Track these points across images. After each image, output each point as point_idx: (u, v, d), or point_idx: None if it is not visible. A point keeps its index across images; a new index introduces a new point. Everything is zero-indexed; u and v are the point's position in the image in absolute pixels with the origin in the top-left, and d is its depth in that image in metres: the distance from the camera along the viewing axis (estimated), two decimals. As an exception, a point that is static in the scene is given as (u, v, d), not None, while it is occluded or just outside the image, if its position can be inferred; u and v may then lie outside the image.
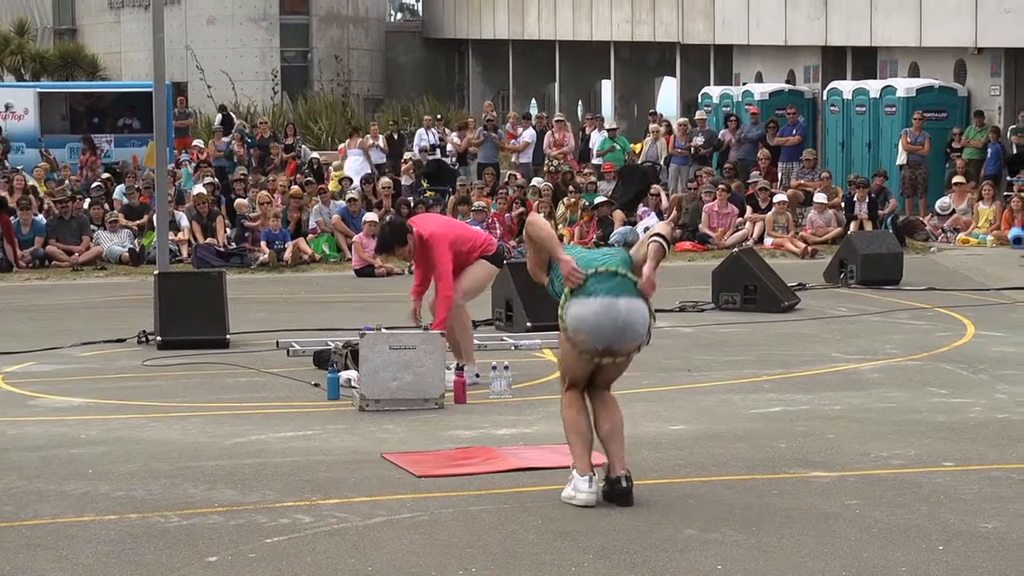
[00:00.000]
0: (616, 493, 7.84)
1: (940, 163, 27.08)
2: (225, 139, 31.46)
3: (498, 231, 23.49)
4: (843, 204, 24.93)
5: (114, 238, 22.91)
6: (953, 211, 25.13)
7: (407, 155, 30.95)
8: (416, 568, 6.76)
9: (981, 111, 27.08)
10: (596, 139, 30.30)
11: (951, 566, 6.74)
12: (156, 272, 15.00)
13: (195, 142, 32.53)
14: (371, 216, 22.13)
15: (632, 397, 10.80)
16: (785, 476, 8.56)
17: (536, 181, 26.60)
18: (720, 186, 24.76)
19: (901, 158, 26.92)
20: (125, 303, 18.01)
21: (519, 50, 46.58)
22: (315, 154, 32.23)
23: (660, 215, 24.65)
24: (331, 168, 29.44)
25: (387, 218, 13.59)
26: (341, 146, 32.12)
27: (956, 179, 25.50)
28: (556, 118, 32.08)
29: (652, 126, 30.60)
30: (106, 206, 24.30)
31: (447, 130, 32.55)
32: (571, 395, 8.03)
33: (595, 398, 8.07)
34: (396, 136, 33.33)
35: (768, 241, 23.68)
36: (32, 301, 18.67)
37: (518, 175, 27.93)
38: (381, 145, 31.38)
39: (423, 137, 31.43)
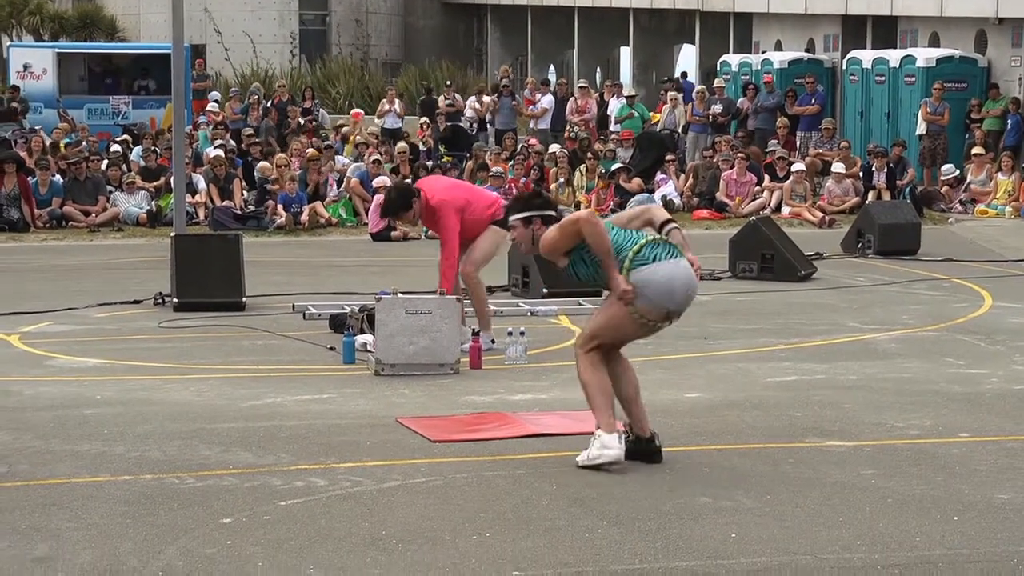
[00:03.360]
0: (650, 451, 8.00)
1: (959, 134, 26.97)
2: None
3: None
4: (861, 174, 24.87)
5: (131, 199, 22.91)
6: (962, 177, 25.11)
7: (422, 120, 30.90)
8: (430, 532, 6.76)
9: (996, 84, 26.97)
10: (614, 106, 30.22)
11: (966, 536, 6.74)
12: (173, 234, 15.01)
13: (210, 104, 32.47)
14: (383, 180, 22.01)
15: (648, 365, 10.79)
16: (800, 445, 8.56)
17: (553, 148, 26.54)
18: (739, 154, 24.69)
19: (920, 128, 26.83)
20: (142, 264, 18.02)
21: (538, 16, 46.44)
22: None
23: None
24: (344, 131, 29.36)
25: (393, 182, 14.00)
26: (355, 111, 31.98)
27: (975, 150, 25.41)
28: (579, 85, 31.99)
29: (671, 93, 30.52)
30: (123, 168, 24.31)
31: (457, 96, 32.42)
32: (595, 355, 7.96)
33: (613, 362, 8.06)
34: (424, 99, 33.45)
35: (786, 210, 23.63)
36: (49, 261, 18.69)
37: (535, 141, 27.87)
38: (397, 110, 31.30)
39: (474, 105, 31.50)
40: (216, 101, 32.96)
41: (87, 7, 49.55)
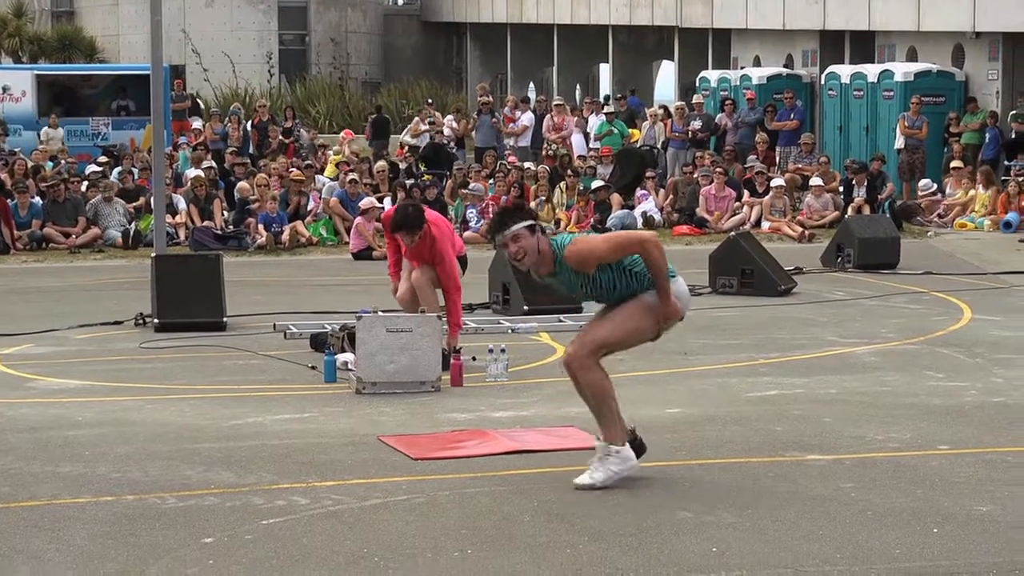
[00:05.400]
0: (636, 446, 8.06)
1: (938, 147, 27.08)
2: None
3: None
4: (840, 188, 24.95)
5: (112, 213, 22.88)
6: (937, 192, 25.23)
7: (402, 138, 30.89)
8: (411, 550, 6.77)
9: (974, 98, 27.09)
10: (594, 123, 30.25)
11: (945, 548, 6.76)
12: (153, 255, 15.01)
13: (195, 124, 32.45)
14: (371, 201, 21.93)
15: (628, 380, 10.81)
16: (781, 459, 8.58)
17: (528, 165, 26.53)
18: (718, 169, 24.77)
19: (899, 142, 26.93)
20: (122, 285, 18.01)
21: (517, 34, 46.54)
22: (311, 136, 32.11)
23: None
24: (331, 152, 29.28)
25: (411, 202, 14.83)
26: (345, 131, 31.87)
27: (954, 164, 25.52)
28: (555, 102, 32.02)
29: (649, 110, 30.55)
30: (101, 186, 24.26)
31: (439, 115, 32.44)
32: (597, 360, 7.90)
33: None
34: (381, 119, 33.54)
35: (765, 225, 23.69)
36: (29, 283, 18.66)
37: (514, 158, 27.89)
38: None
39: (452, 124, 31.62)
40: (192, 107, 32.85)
41: (66, 28, 49.53)
